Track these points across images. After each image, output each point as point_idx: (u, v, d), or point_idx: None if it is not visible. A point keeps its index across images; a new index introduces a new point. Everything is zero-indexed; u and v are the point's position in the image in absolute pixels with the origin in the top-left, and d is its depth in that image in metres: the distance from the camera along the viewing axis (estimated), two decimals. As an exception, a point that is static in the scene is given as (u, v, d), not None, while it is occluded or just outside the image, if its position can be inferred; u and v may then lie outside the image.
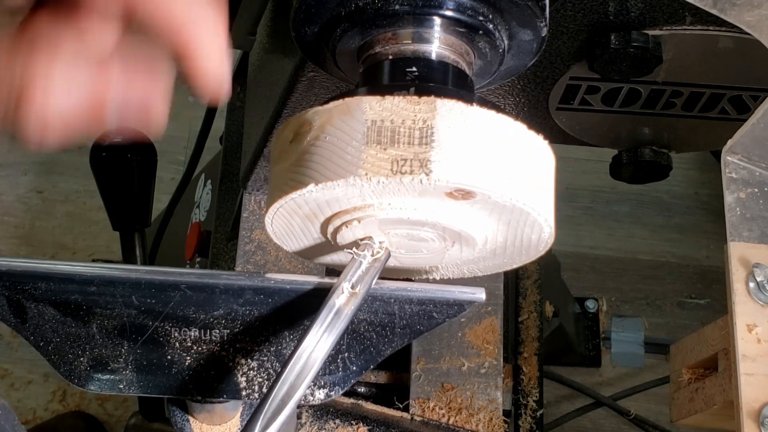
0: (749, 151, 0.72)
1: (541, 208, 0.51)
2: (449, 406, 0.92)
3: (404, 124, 0.49)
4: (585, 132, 0.83)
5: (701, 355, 0.76)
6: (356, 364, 0.58)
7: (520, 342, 1.24)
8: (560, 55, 0.73)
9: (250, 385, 0.57)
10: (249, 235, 0.97)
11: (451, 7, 0.55)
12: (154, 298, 0.55)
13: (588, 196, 2.10)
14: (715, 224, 2.07)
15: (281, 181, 0.52)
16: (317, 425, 0.84)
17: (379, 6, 0.54)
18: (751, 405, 0.65)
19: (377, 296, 0.56)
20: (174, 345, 0.56)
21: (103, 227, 1.96)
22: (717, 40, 0.71)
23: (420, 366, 0.94)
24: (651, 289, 2.01)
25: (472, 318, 0.96)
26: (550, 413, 1.54)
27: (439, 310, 0.56)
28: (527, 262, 0.58)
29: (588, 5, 0.68)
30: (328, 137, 0.50)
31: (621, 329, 1.67)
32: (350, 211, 0.52)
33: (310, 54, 0.60)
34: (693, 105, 0.78)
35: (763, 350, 0.67)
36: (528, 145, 0.51)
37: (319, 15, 0.56)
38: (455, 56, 0.56)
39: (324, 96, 0.76)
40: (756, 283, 0.68)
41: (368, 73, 0.57)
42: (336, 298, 0.52)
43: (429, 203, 0.51)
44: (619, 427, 1.81)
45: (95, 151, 1.04)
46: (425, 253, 0.57)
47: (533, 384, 1.21)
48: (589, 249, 2.04)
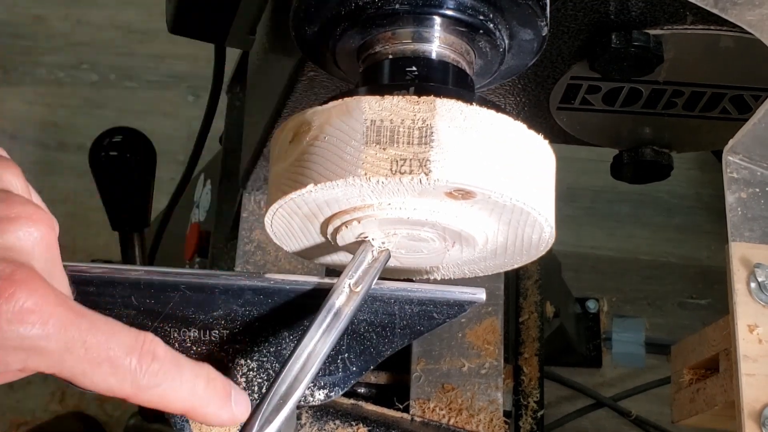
0: (750, 151, 0.72)
1: (542, 207, 0.51)
2: (449, 407, 0.92)
3: (404, 124, 0.48)
4: (586, 132, 0.83)
5: (702, 356, 0.76)
6: (356, 364, 0.57)
7: (521, 342, 1.24)
8: (561, 54, 0.73)
9: (249, 385, 0.57)
10: (249, 236, 0.96)
11: (452, 6, 0.55)
12: (154, 299, 0.54)
13: (589, 196, 2.10)
14: (716, 224, 2.06)
15: (281, 181, 0.51)
16: (317, 426, 0.84)
17: (379, 5, 0.54)
18: (753, 405, 0.65)
19: (377, 296, 0.55)
20: (173, 345, 0.56)
21: (102, 227, 1.96)
22: (718, 40, 0.71)
23: (420, 366, 0.94)
24: (652, 289, 2.00)
25: (473, 318, 0.96)
26: (551, 414, 1.54)
27: (439, 310, 0.56)
28: (528, 262, 0.58)
29: (589, 4, 0.68)
30: (327, 137, 0.49)
31: (622, 330, 1.66)
32: (350, 211, 0.52)
33: (310, 54, 0.60)
34: (694, 105, 0.78)
35: (764, 351, 0.67)
36: (528, 145, 0.51)
37: (319, 14, 0.56)
38: (455, 56, 0.56)
39: (324, 96, 0.76)
40: (757, 283, 0.68)
41: (368, 73, 0.57)
42: (336, 298, 0.52)
43: (429, 203, 0.51)
44: (620, 428, 1.81)
45: (95, 151, 1.04)
46: (425, 254, 0.57)
47: (534, 384, 1.21)
48: (589, 249, 2.04)
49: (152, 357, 0.46)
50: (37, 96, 2.20)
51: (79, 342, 0.43)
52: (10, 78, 2.21)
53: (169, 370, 0.47)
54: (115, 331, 0.45)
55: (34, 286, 0.42)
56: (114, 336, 0.45)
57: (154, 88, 2.16)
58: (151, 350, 0.46)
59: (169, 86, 2.15)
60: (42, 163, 2.11)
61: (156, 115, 2.12)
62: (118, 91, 2.18)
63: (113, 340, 0.45)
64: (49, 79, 2.21)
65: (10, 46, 2.23)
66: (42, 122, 2.17)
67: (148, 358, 0.46)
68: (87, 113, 2.17)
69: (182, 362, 0.48)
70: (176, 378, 0.47)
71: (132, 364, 0.45)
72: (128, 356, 0.45)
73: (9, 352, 0.42)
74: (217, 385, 0.49)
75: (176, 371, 0.47)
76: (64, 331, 0.43)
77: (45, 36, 2.24)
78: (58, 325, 0.43)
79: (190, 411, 0.48)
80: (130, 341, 0.45)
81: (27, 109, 2.18)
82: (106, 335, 0.45)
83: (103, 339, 0.44)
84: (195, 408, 0.48)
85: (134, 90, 2.17)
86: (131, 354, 0.45)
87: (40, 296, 0.42)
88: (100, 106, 2.18)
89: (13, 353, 0.42)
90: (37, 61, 2.22)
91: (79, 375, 0.44)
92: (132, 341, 0.45)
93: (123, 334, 0.45)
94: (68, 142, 2.15)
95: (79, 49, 2.23)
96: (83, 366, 0.44)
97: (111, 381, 0.45)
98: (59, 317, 0.43)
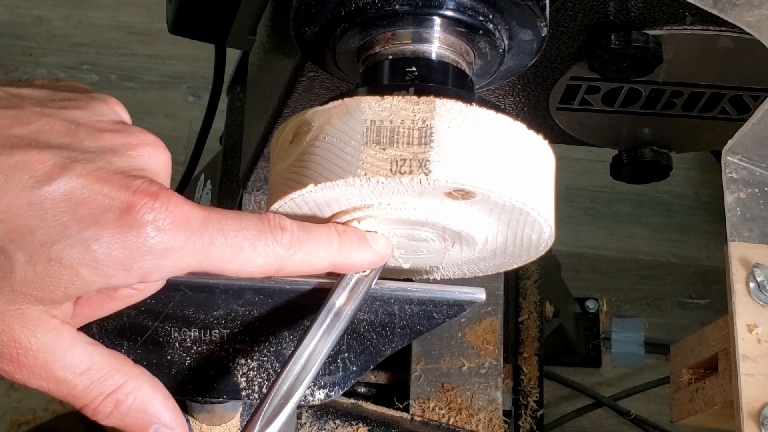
0: (749, 151, 0.72)
1: (541, 207, 0.51)
2: (449, 407, 0.92)
3: (403, 124, 0.49)
4: (585, 132, 0.83)
5: (701, 356, 0.76)
6: (356, 364, 0.58)
7: (521, 342, 1.24)
8: (560, 55, 0.73)
9: (249, 385, 0.57)
10: (249, 236, 0.96)
11: (451, 6, 0.55)
12: (154, 298, 0.54)
13: (588, 196, 2.10)
14: (715, 224, 2.06)
15: (281, 181, 0.52)
16: (317, 425, 0.84)
17: (379, 6, 0.54)
18: (752, 405, 0.65)
19: (377, 296, 0.56)
20: (174, 345, 0.56)
21: (103, 227, 1.96)
22: (717, 40, 0.71)
23: (420, 366, 0.94)
24: (651, 289, 2.01)
25: (472, 318, 0.96)
26: (550, 413, 1.54)
27: (439, 310, 0.56)
28: (528, 262, 0.58)
29: (588, 5, 0.68)
30: (327, 137, 0.50)
31: (621, 329, 1.66)
32: (350, 211, 0.52)
33: (310, 54, 0.60)
34: (693, 105, 0.78)
35: (763, 350, 0.67)
36: (528, 145, 0.51)
37: (319, 15, 0.56)
38: (455, 56, 0.56)
39: (324, 96, 0.76)
40: (756, 283, 0.68)
41: (368, 73, 0.57)
42: (336, 298, 0.52)
43: (428, 203, 0.51)
44: (620, 428, 1.81)
45: (95, 151, 1.04)
46: (425, 254, 0.57)
47: (533, 384, 1.21)
48: (589, 249, 2.04)
49: (282, 228, 0.49)
50: (38, 96, 2.19)
51: (219, 232, 0.47)
52: (11, 78, 2.21)
53: (300, 235, 0.50)
54: (241, 216, 0.48)
55: (172, 197, 0.46)
56: (242, 220, 0.48)
57: (155, 89, 2.16)
58: (278, 223, 0.49)
59: (169, 87, 2.15)
60: (42, 163, 2.11)
61: (156, 115, 2.12)
62: (118, 91, 2.18)
63: (243, 223, 0.48)
64: (50, 80, 2.21)
65: (11, 46, 2.23)
66: (42, 122, 2.16)
67: (278, 230, 0.49)
68: (87, 113, 2.17)
69: (309, 227, 0.51)
70: (311, 240, 0.50)
71: (268, 239, 0.48)
72: (261, 233, 0.48)
73: (163, 257, 0.45)
74: (349, 232, 0.52)
75: (308, 235, 0.50)
76: (204, 227, 0.47)
77: (46, 37, 2.24)
78: (199, 223, 0.46)
79: (338, 264, 0.52)
80: (257, 222, 0.49)
81: (27, 109, 2.18)
82: (236, 221, 0.48)
83: (236, 225, 0.48)
84: (341, 260, 0.51)
85: (135, 90, 2.17)
86: (263, 231, 0.49)
87: (177, 203, 0.46)
88: (100, 107, 2.17)
89: (167, 257, 0.46)
90: (38, 62, 2.22)
91: (227, 263, 0.48)
92: (258, 221, 0.49)
93: (248, 217, 0.49)
94: (68, 142, 2.14)
95: (79, 49, 2.23)
96: (228, 253, 0.47)
97: (257, 260, 0.48)
98: (197, 217, 0.46)
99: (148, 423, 0.50)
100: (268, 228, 0.49)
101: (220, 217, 0.47)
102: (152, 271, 0.46)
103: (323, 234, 0.51)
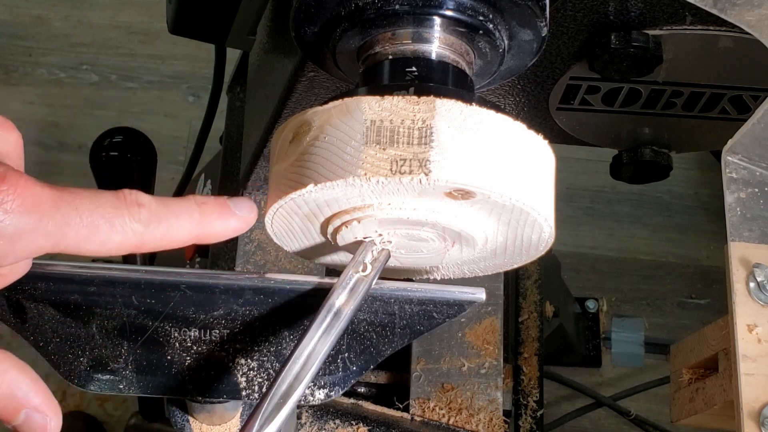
0: (749, 151, 0.72)
1: (541, 207, 0.51)
2: (449, 407, 0.92)
3: (403, 124, 0.49)
4: (585, 132, 0.83)
5: (701, 356, 0.76)
6: (356, 364, 0.58)
7: (521, 342, 1.24)
8: (560, 55, 0.73)
9: (249, 385, 0.57)
10: (249, 235, 0.97)
11: (451, 6, 0.55)
12: (154, 299, 0.55)
13: (588, 196, 2.10)
14: (715, 224, 2.07)
15: (281, 181, 0.52)
16: (317, 425, 0.84)
17: (378, 6, 0.54)
18: (752, 405, 0.65)
19: (377, 296, 0.56)
20: (174, 345, 0.56)
21: (103, 227, 1.96)
22: (717, 40, 0.71)
23: (420, 366, 0.94)
24: (651, 289, 2.01)
25: (472, 318, 0.96)
26: (551, 413, 1.54)
27: (439, 310, 0.56)
28: (528, 262, 0.58)
29: (588, 5, 0.68)
30: (327, 137, 0.50)
31: (621, 329, 1.67)
32: (350, 211, 0.52)
33: (310, 54, 0.60)
34: (693, 105, 0.78)
35: (763, 350, 0.67)
36: (528, 145, 0.51)
37: (319, 15, 0.56)
38: (455, 56, 0.56)
39: (324, 96, 0.76)
40: (756, 283, 0.68)
41: (368, 73, 0.57)
42: (335, 298, 0.52)
43: (428, 203, 0.51)
44: (620, 428, 1.81)
45: (95, 151, 1.04)
46: (425, 253, 0.57)
47: (533, 384, 1.21)
48: (589, 249, 2.04)
49: (139, 204, 0.48)
50: (38, 96, 2.20)
51: (73, 212, 0.46)
52: (11, 78, 2.21)
53: (159, 210, 0.49)
54: (96, 194, 0.47)
55: (21, 179, 0.45)
56: (97, 198, 0.47)
57: (155, 89, 2.16)
58: (135, 199, 0.48)
59: (169, 87, 2.15)
60: (42, 163, 2.11)
61: (156, 115, 2.12)
62: (118, 91, 2.19)
63: (98, 201, 0.47)
64: (50, 80, 2.21)
65: (11, 46, 2.24)
66: (43, 122, 2.17)
67: (135, 207, 0.48)
68: (87, 114, 2.18)
69: (168, 201, 0.50)
70: (170, 214, 0.49)
71: (125, 217, 0.47)
72: (118, 210, 0.47)
73: (14, 241, 0.45)
74: (209, 203, 0.51)
75: (167, 210, 0.49)
76: (56, 208, 0.46)
77: (46, 36, 2.25)
78: (50, 204, 0.45)
79: (201, 235, 0.50)
80: (113, 199, 0.48)
81: (28, 109, 2.18)
82: (91, 199, 0.47)
83: (91, 204, 0.47)
84: (203, 231, 0.50)
85: (135, 90, 2.17)
86: (119, 208, 0.47)
87: (27, 185, 0.45)
88: (100, 107, 2.18)
89: (18, 240, 0.45)
90: (38, 62, 2.22)
91: (84, 243, 0.47)
92: (114, 198, 0.48)
93: (104, 195, 0.48)
94: (69, 142, 2.15)
95: (79, 49, 2.23)
96: (84, 233, 0.46)
97: (115, 238, 0.47)
98: (49, 197, 0.45)
99: (17, 407, 0.49)
100: (124, 205, 0.48)
101: (74, 197, 0.46)
102: (5, 255, 0.45)
103: (183, 207, 0.50)
